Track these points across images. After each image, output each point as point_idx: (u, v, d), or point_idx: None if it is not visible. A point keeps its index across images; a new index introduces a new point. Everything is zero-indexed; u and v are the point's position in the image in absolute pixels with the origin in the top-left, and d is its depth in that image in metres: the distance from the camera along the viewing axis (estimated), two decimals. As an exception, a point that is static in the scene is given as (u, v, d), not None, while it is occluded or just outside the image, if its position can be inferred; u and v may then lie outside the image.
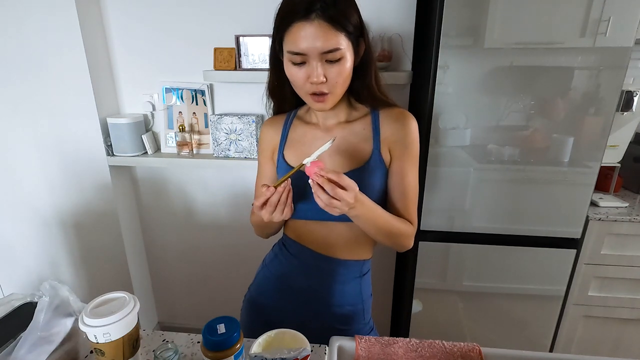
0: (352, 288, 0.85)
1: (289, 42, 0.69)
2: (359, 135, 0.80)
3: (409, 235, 0.80)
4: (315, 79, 0.69)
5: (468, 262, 1.42)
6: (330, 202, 0.64)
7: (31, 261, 1.80)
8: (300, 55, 0.68)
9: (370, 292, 0.90)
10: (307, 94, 0.73)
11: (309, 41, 0.66)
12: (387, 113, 0.80)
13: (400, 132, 0.78)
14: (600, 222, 1.35)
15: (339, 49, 0.67)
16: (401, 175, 0.79)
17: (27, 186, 1.66)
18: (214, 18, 1.48)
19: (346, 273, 0.85)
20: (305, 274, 0.86)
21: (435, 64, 1.20)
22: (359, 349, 0.70)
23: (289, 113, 0.89)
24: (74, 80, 1.47)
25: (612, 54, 1.15)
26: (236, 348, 0.58)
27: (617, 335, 1.50)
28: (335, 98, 0.74)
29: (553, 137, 1.26)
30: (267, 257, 0.97)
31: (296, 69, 0.71)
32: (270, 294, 0.90)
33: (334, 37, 0.66)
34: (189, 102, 1.58)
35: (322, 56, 0.68)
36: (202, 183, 1.72)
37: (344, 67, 0.70)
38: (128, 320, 0.59)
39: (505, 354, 0.68)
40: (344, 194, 0.64)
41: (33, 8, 1.39)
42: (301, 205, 0.82)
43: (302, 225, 0.85)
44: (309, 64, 0.69)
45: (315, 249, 0.84)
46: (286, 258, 0.89)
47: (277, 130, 0.87)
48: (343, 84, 0.73)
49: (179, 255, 1.87)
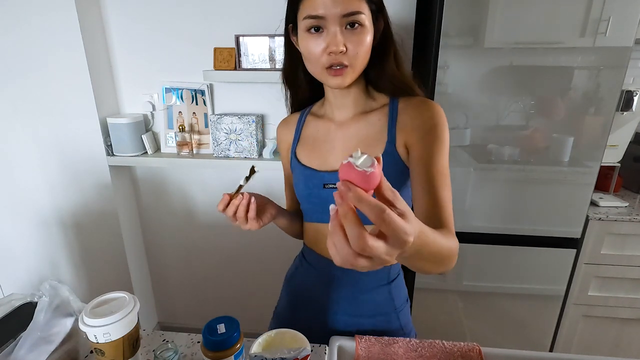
0: (380, 296, 0.78)
1: (306, 7, 0.62)
2: (373, 127, 0.72)
3: (456, 252, 0.55)
4: (335, 47, 0.61)
5: (468, 262, 1.42)
6: (353, 255, 0.35)
7: (31, 261, 1.80)
8: (318, 18, 0.61)
9: (405, 297, 0.83)
10: (323, 68, 0.65)
11: (329, 3, 0.60)
12: (407, 102, 0.71)
13: (422, 118, 0.68)
14: (600, 222, 1.35)
15: (360, 12, 0.61)
16: (427, 163, 0.64)
17: (27, 186, 1.66)
18: (214, 18, 1.48)
19: (371, 281, 0.77)
20: (326, 285, 0.79)
21: (435, 64, 1.20)
22: (359, 349, 0.70)
23: (303, 111, 0.83)
24: (74, 80, 1.47)
25: (612, 54, 1.15)
26: (236, 348, 0.58)
27: (617, 334, 1.50)
28: (354, 73, 0.66)
29: (553, 137, 1.26)
30: (289, 272, 0.91)
31: (313, 39, 0.63)
32: (296, 309, 0.85)
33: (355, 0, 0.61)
34: (189, 102, 1.58)
35: (342, 20, 0.61)
36: (202, 183, 1.72)
37: (365, 38, 0.63)
38: (128, 320, 0.59)
39: (505, 354, 0.68)
40: (402, 226, 0.34)
41: (33, 7, 1.39)
42: (308, 207, 0.77)
43: (317, 230, 0.79)
44: (327, 30, 0.62)
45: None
46: (306, 270, 0.83)
47: (291, 129, 0.82)
48: (363, 58, 0.65)
49: (179, 255, 1.87)
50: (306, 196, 0.76)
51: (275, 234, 0.89)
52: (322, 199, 0.74)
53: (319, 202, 0.74)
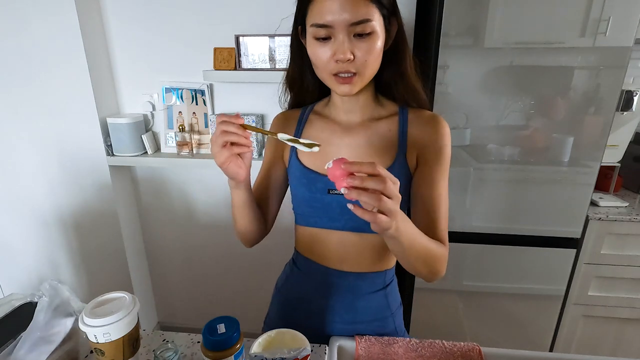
0: (377, 302, 0.77)
1: (313, 14, 0.60)
2: (383, 137, 0.70)
3: (445, 260, 0.66)
4: (342, 55, 0.59)
5: (468, 262, 1.42)
6: (382, 203, 0.46)
7: (31, 261, 1.80)
8: (326, 27, 0.59)
9: (399, 301, 0.82)
10: (330, 74, 0.63)
11: (336, 11, 0.58)
12: (417, 114, 0.71)
13: (432, 137, 0.68)
14: (600, 222, 1.35)
15: (369, 20, 0.59)
16: (430, 184, 0.68)
17: (27, 186, 1.66)
18: (213, 18, 1.48)
19: (367, 287, 0.76)
20: (321, 292, 0.77)
21: (435, 64, 1.20)
22: (359, 349, 0.70)
23: (305, 107, 0.79)
24: (74, 80, 1.47)
25: (612, 54, 1.15)
26: (236, 348, 0.58)
27: (617, 334, 1.50)
28: (363, 81, 0.64)
29: (553, 137, 1.26)
30: (279, 280, 0.88)
31: (320, 45, 0.61)
32: (290, 318, 0.82)
33: (364, 6, 0.58)
34: (189, 102, 1.58)
35: (351, 29, 0.59)
36: (202, 183, 1.72)
37: (374, 45, 0.61)
38: (128, 320, 0.59)
39: (505, 354, 0.68)
40: (394, 189, 0.48)
41: (34, 8, 1.39)
42: (308, 210, 0.75)
43: (311, 235, 0.77)
44: (335, 38, 0.60)
45: (327, 264, 0.76)
46: (298, 278, 0.81)
47: (292, 125, 0.77)
48: (373, 65, 0.63)
49: (178, 255, 1.87)
50: (308, 200, 0.73)
51: (275, 234, 0.88)
52: (324, 204, 0.71)
53: (321, 207, 0.72)
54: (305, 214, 0.76)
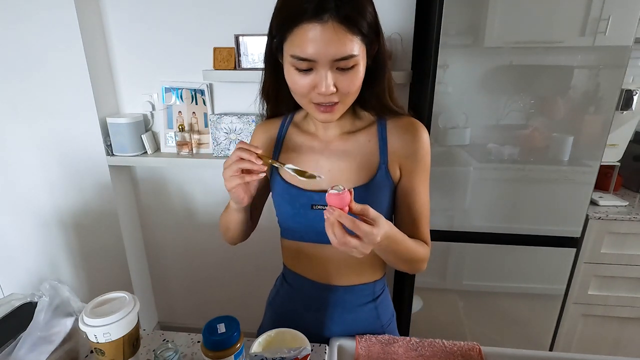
0: (366, 314, 0.77)
1: (293, 45, 0.57)
2: (363, 148, 0.70)
3: (426, 259, 0.71)
4: (325, 89, 0.58)
5: (468, 261, 1.42)
6: (345, 240, 0.53)
7: (31, 261, 1.80)
8: (307, 61, 0.57)
9: (391, 312, 0.82)
10: (310, 102, 0.62)
11: (319, 46, 0.54)
12: (395, 123, 0.70)
13: (411, 146, 0.68)
14: (600, 221, 1.35)
15: (353, 55, 0.56)
16: (413, 192, 0.70)
17: (27, 186, 1.66)
18: (213, 18, 1.48)
19: (355, 299, 0.76)
20: (308, 307, 0.77)
21: (435, 63, 1.20)
22: (359, 348, 0.70)
23: (285, 117, 0.78)
24: (73, 80, 1.47)
25: (611, 53, 1.15)
26: (236, 347, 0.58)
27: (616, 334, 1.50)
28: (345, 107, 0.64)
29: (553, 136, 1.26)
30: (270, 294, 0.88)
31: (300, 75, 0.59)
32: None
33: (349, 42, 0.55)
34: (189, 101, 1.58)
35: (334, 64, 0.57)
36: (202, 183, 1.72)
37: (357, 76, 0.60)
38: (128, 320, 0.59)
39: (505, 353, 0.68)
40: (368, 229, 0.52)
41: (32, 7, 1.39)
42: (292, 225, 0.74)
43: (297, 249, 0.76)
44: (317, 71, 0.58)
45: (314, 278, 0.76)
46: (288, 292, 0.81)
47: (272, 135, 0.76)
48: (355, 93, 0.63)
49: (179, 255, 1.87)
50: (292, 216, 0.73)
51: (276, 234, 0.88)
52: (308, 219, 0.71)
53: (305, 222, 0.71)
54: (290, 228, 0.76)
